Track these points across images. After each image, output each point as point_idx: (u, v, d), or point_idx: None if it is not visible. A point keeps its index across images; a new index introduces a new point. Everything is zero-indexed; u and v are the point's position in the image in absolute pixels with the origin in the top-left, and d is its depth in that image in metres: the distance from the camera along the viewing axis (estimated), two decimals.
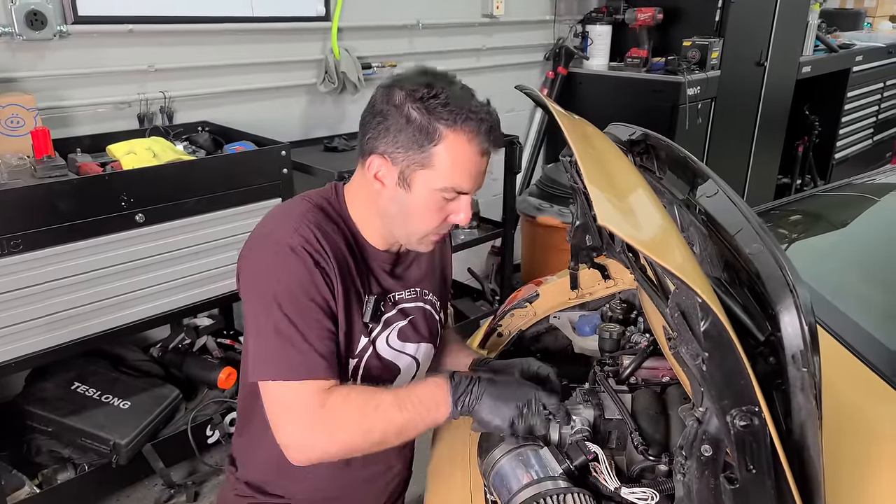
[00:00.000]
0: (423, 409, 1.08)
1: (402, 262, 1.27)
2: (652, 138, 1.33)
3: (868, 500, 1.00)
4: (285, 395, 1.06)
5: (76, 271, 1.91)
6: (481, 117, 1.07)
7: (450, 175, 1.08)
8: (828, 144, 5.09)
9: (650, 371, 1.35)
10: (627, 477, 1.16)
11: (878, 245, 1.88)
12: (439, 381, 1.11)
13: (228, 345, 2.60)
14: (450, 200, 1.11)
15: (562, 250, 1.64)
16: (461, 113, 1.05)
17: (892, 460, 1.06)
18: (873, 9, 5.78)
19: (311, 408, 1.05)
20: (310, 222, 1.10)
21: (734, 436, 0.78)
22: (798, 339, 0.74)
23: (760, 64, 3.99)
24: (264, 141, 2.37)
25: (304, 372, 1.05)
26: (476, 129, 1.07)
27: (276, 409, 1.08)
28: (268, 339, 1.06)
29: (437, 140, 1.06)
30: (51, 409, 2.12)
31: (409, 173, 1.09)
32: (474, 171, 1.10)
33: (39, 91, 2.16)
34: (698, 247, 1.04)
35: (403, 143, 1.07)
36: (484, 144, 1.08)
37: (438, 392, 1.09)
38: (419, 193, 1.10)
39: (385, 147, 1.09)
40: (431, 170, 1.07)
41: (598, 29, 3.77)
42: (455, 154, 1.07)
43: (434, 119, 1.05)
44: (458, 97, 1.07)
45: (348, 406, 1.06)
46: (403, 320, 1.26)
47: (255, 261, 1.11)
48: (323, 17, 2.81)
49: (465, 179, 1.09)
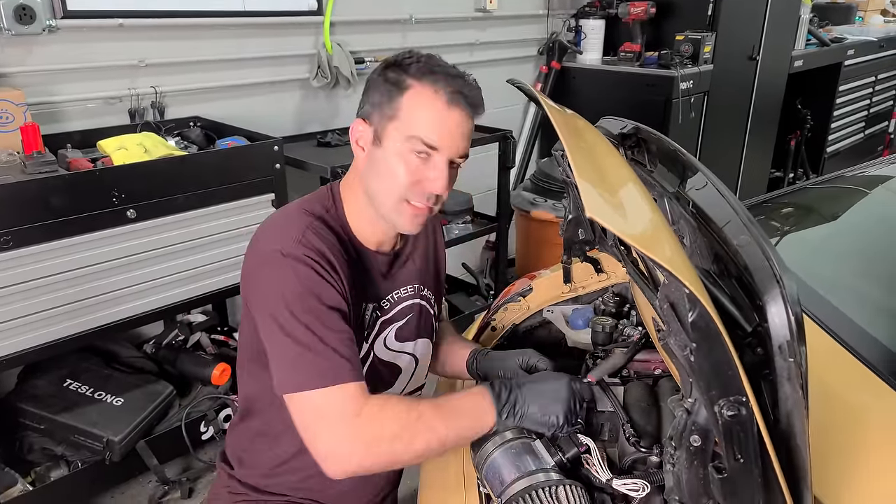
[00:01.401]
0: (467, 420, 1.06)
1: (398, 261, 1.27)
2: (643, 132, 1.33)
3: (855, 488, 1.01)
4: (316, 405, 1.02)
5: (67, 268, 1.91)
6: (451, 73, 1.10)
7: (415, 123, 1.08)
8: (820, 138, 5.11)
9: (642, 364, 1.35)
10: (619, 469, 1.16)
11: (869, 237, 1.89)
12: (481, 390, 1.10)
13: (222, 341, 2.60)
14: (422, 159, 1.09)
15: (556, 244, 1.64)
16: (430, 67, 1.09)
17: (880, 450, 1.07)
18: (865, 3, 5.80)
19: (346, 415, 1.00)
20: (313, 234, 1.09)
21: (722, 426, 0.78)
22: (785, 330, 0.74)
23: (753, 58, 4.00)
24: (257, 136, 2.36)
25: (331, 377, 1.02)
26: (443, 82, 1.08)
27: (309, 421, 1.03)
28: (288, 350, 1.03)
29: (403, 90, 1.08)
30: (43, 407, 2.12)
31: (381, 129, 1.10)
32: (442, 123, 1.08)
33: (29, 86, 2.14)
34: (688, 239, 1.04)
35: (377, 100, 1.11)
36: (452, 97, 1.08)
37: (482, 402, 1.08)
38: (389, 147, 1.10)
39: (364, 109, 1.13)
40: (398, 120, 1.09)
41: (591, 23, 3.77)
42: (419, 102, 1.08)
43: (404, 73, 1.09)
44: (433, 58, 1.11)
45: (386, 415, 1.02)
46: (401, 320, 1.27)
47: (262, 276, 1.09)
48: (315, 11, 2.80)
49: (432, 130, 1.08)
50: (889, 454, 1.07)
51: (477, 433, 1.08)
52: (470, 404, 1.08)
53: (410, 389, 1.37)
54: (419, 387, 1.41)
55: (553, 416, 1.09)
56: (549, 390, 1.11)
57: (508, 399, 1.09)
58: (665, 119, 3.48)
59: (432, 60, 1.11)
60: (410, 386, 1.36)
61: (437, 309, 1.40)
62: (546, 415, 1.09)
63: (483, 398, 1.09)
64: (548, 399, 1.10)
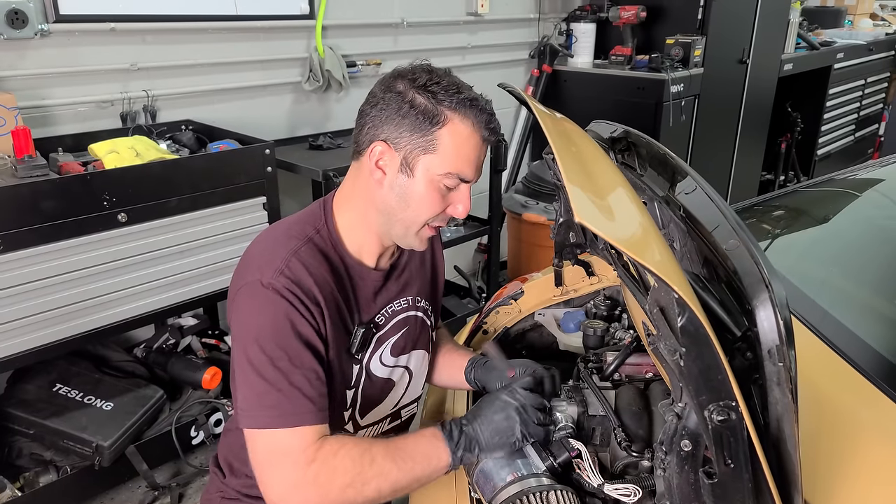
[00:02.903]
0: (421, 463, 1.06)
1: (393, 274, 1.26)
2: (633, 135, 1.34)
3: (845, 492, 1.01)
4: (273, 446, 1.02)
5: (58, 271, 1.90)
6: (482, 106, 1.09)
7: (454, 160, 1.07)
8: (810, 141, 5.15)
9: (634, 367, 1.36)
10: (611, 473, 1.17)
11: (860, 241, 1.91)
12: (434, 432, 1.09)
13: (213, 344, 2.59)
14: (450, 189, 1.10)
15: (547, 247, 1.64)
16: (465, 98, 1.07)
17: (870, 454, 1.08)
18: (854, 6, 5.83)
19: (300, 462, 1.00)
20: (298, 262, 1.08)
21: (712, 431, 0.79)
22: (773, 334, 0.75)
23: (743, 61, 4.02)
24: (248, 139, 2.36)
25: (292, 419, 1.02)
26: (479, 116, 1.08)
27: (263, 461, 1.03)
28: (253, 385, 1.03)
29: (441, 123, 1.06)
30: (32, 412, 2.10)
31: (412, 158, 1.08)
32: (476, 157, 1.10)
33: (20, 90, 2.14)
34: (678, 243, 1.05)
35: (407, 128, 1.07)
36: (485, 132, 1.09)
37: (436, 443, 1.07)
38: (421, 179, 1.08)
39: (388, 133, 1.08)
40: (435, 154, 1.07)
41: (582, 27, 3.78)
42: (459, 138, 1.07)
43: (438, 103, 1.06)
44: (460, 85, 1.09)
45: (339, 462, 1.02)
46: (396, 334, 1.26)
47: (240, 304, 1.08)
48: (307, 15, 2.79)
49: (468, 165, 1.09)
50: (879, 458, 1.07)
51: (431, 475, 1.07)
52: (423, 447, 1.07)
53: (405, 403, 1.36)
54: (415, 399, 1.39)
55: (511, 437, 1.09)
56: (497, 413, 1.10)
57: (461, 437, 1.08)
58: (656, 122, 3.49)
59: (461, 87, 1.09)
60: (405, 399, 1.35)
61: (434, 319, 1.38)
62: (503, 438, 1.09)
63: (435, 438, 1.08)
64: (499, 424, 1.09)
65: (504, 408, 1.10)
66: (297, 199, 2.82)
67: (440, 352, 1.44)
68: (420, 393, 1.40)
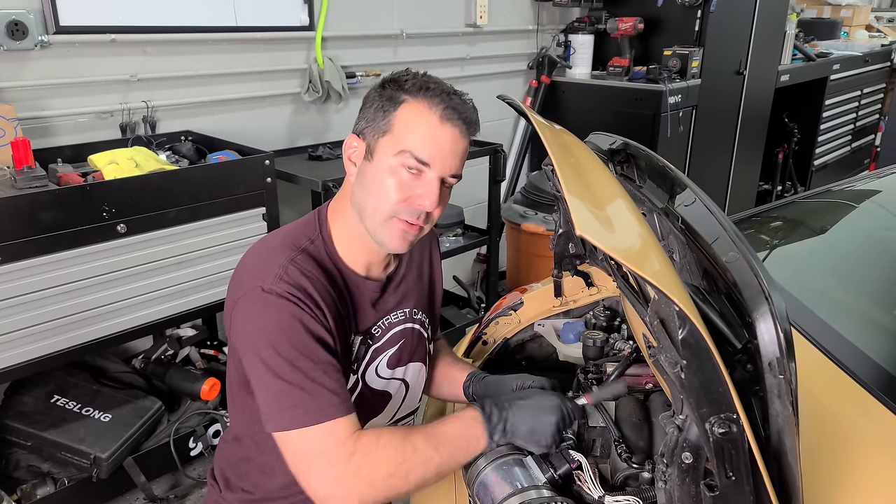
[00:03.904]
0: (460, 445, 1.06)
1: (390, 285, 1.25)
2: (632, 147, 1.34)
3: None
4: (308, 445, 1.01)
5: (57, 282, 1.89)
6: (446, 90, 1.10)
7: (407, 137, 1.07)
8: (807, 151, 5.17)
9: (633, 378, 1.35)
10: (611, 485, 1.16)
11: (858, 252, 1.91)
12: (472, 413, 1.10)
13: (212, 355, 2.58)
14: (413, 175, 1.08)
15: (546, 257, 1.65)
16: (426, 85, 1.09)
17: (870, 466, 1.07)
18: (850, 18, 5.88)
19: (340, 456, 1.00)
20: (295, 269, 1.07)
21: (713, 443, 0.79)
22: (774, 347, 0.75)
23: (740, 73, 4.04)
24: (248, 150, 2.36)
25: (321, 414, 1.01)
26: (438, 98, 1.08)
27: (302, 461, 1.02)
28: (274, 389, 1.02)
29: (397, 105, 1.08)
30: (30, 423, 2.09)
31: (374, 143, 1.10)
32: (434, 139, 1.07)
33: (20, 101, 2.14)
34: (678, 255, 1.05)
35: (371, 116, 1.10)
36: (446, 113, 1.07)
37: (474, 426, 1.08)
38: (380, 161, 1.09)
39: (358, 126, 1.13)
40: (391, 134, 1.08)
41: (580, 38, 3.81)
42: (413, 117, 1.08)
43: (400, 89, 1.09)
44: (430, 78, 1.11)
45: (381, 452, 1.01)
46: (392, 347, 1.25)
47: (243, 313, 1.07)
48: (307, 26, 2.81)
49: (424, 146, 1.06)
50: (879, 469, 1.07)
51: (470, 456, 1.09)
52: (462, 429, 1.08)
53: (402, 415, 1.35)
54: (411, 412, 1.38)
55: (543, 436, 1.09)
56: (539, 409, 1.11)
57: (500, 420, 1.09)
58: (654, 133, 3.50)
59: (429, 78, 1.11)
60: (401, 412, 1.34)
61: (432, 331, 1.38)
62: (536, 433, 1.09)
63: (474, 421, 1.08)
64: (538, 418, 1.09)
65: (553, 410, 1.11)
66: (297, 209, 2.82)
67: (439, 364, 1.43)
68: (417, 405, 1.39)
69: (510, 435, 1.09)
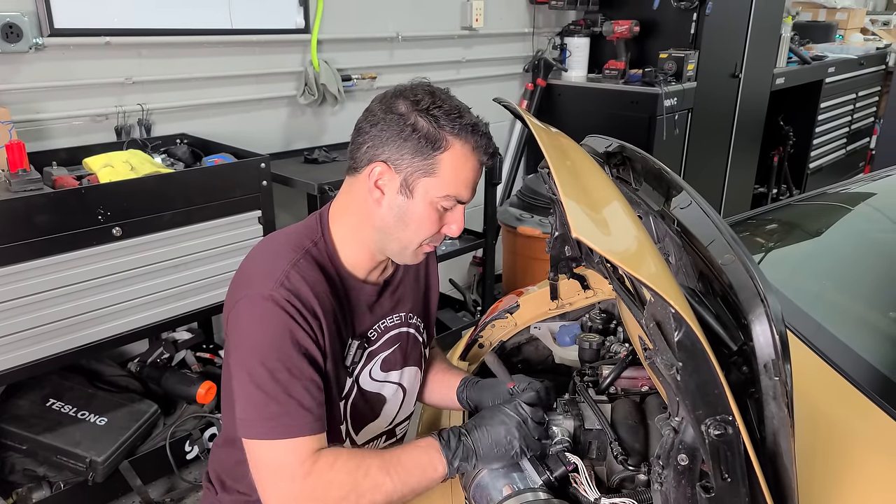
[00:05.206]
0: (414, 472, 1.06)
1: (387, 289, 1.26)
2: (628, 150, 1.35)
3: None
4: (271, 457, 1.04)
5: (52, 286, 1.89)
6: (482, 131, 1.12)
7: (453, 183, 1.10)
8: (802, 154, 5.19)
9: (629, 381, 1.36)
10: (607, 487, 1.16)
11: (853, 254, 1.92)
12: (430, 442, 1.09)
13: (208, 359, 2.58)
14: (447, 210, 1.13)
15: (542, 260, 1.65)
16: (466, 124, 1.09)
17: (865, 468, 1.08)
18: (845, 21, 5.91)
19: (296, 475, 1.02)
20: (297, 274, 1.09)
21: (709, 445, 0.79)
22: (769, 349, 0.75)
23: (735, 75, 4.06)
24: (243, 153, 2.36)
25: (291, 430, 1.03)
26: (478, 141, 1.10)
27: (261, 471, 1.05)
28: (252, 396, 1.04)
29: (443, 148, 1.08)
30: (25, 427, 2.08)
31: (413, 181, 1.10)
32: (474, 180, 1.13)
33: (14, 104, 2.13)
34: (674, 257, 1.05)
35: (409, 151, 1.09)
36: (484, 157, 1.12)
37: (431, 453, 1.08)
38: (421, 201, 1.11)
39: (389, 155, 1.10)
40: (435, 177, 1.09)
41: (576, 41, 3.81)
42: (459, 162, 1.09)
43: (440, 128, 1.08)
44: (461, 108, 1.11)
45: (335, 475, 1.03)
46: (387, 350, 1.26)
47: (240, 315, 1.09)
48: (302, 29, 2.81)
49: (466, 188, 1.12)
50: (874, 470, 1.08)
51: (428, 485, 1.08)
52: (417, 457, 1.08)
53: (400, 420, 1.35)
54: (407, 417, 1.38)
55: (506, 446, 1.09)
56: (498, 426, 1.10)
57: (458, 447, 1.08)
58: (649, 136, 3.51)
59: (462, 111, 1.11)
60: (400, 416, 1.34)
61: (427, 336, 1.38)
62: (502, 451, 1.09)
63: (431, 448, 1.08)
64: (499, 436, 1.09)
65: (506, 421, 1.11)
66: (293, 212, 2.82)
67: (432, 370, 1.43)
68: (412, 409, 1.40)
69: (474, 457, 1.08)
